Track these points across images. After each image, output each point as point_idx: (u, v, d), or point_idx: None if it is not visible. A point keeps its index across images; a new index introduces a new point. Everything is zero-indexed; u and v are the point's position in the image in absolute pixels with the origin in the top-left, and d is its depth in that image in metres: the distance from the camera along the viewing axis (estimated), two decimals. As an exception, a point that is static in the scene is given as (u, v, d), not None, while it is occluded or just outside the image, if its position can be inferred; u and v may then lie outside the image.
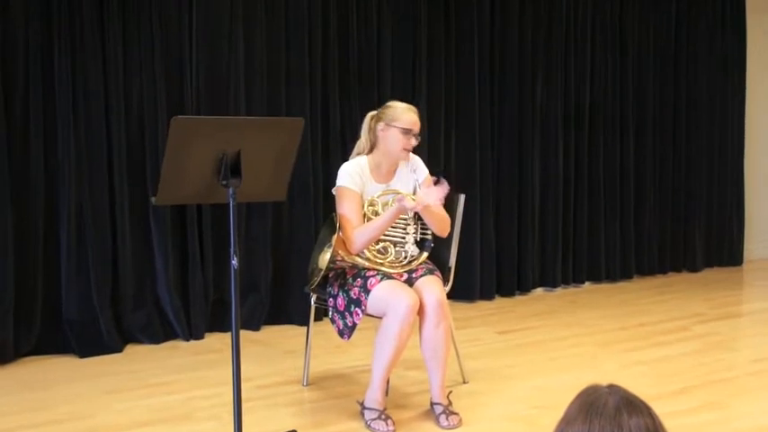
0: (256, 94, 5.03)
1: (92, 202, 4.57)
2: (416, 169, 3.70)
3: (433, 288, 3.44)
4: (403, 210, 3.46)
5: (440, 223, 3.60)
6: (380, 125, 3.63)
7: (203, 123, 3.08)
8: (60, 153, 4.49)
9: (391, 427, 3.35)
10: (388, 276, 3.47)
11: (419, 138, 3.65)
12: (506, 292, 6.09)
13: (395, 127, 3.58)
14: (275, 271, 5.17)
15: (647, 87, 6.77)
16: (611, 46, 6.54)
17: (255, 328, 5.04)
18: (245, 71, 4.99)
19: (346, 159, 3.85)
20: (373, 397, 3.44)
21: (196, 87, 4.85)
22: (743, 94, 7.36)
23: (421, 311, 3.40)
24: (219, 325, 4.98)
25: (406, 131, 3.57)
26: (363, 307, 3.43)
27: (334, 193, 3.69)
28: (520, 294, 6.16)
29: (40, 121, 4.44)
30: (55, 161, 4.50)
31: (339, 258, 3.51)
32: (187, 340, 4.82)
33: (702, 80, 7.06)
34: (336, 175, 3.73)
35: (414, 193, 3.63)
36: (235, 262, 2.99)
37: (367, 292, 3.41)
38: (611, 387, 1.74)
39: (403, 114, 3.60)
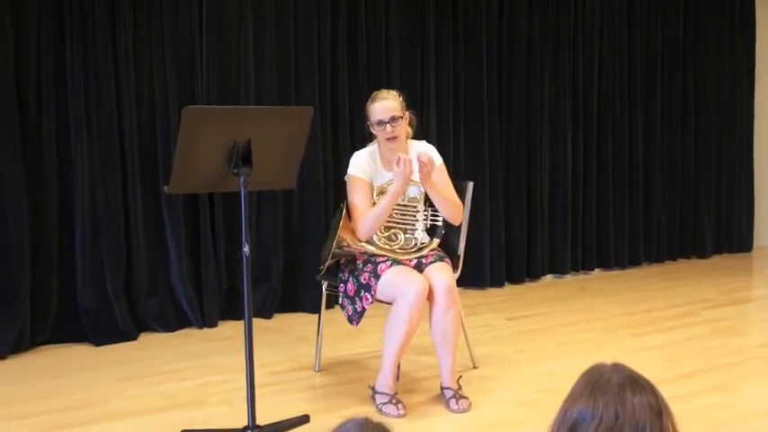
0: (266, 86, 5.07)
1: (105, 194, 4.63)
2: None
3: (442, 274, 3.48)
4: (402, 184, 3.47)
5: (450, 208, 3.63)
6: (368, 125, 3.68)
7: (214, 113, 3.14)
8: (73, 146, 4.54)
9: (402, 411, 3.41)
10: (397, 262, 3.52)
11: (398, 121, 3.59)
12: (516, 279, 6.14)
13: (370, 125, 3.63)
14: (286, 260, 5.23)
15: (656, 77, 6.78)
16: (619, 35, 6.55)
17: (268, 315, 5.10)
18: (255, 63, 5.04)
19: (355, 149, 3.89)
20: (384, 382, 3.49)
21: (206, 79, 4.89)
22: (752, 83, 7.38)
23: (430, 297, 3.44)
24: (232, 313, 5.03)
25: (379, 124, 3.60)
26: (373, 292, 3.48)
27: (346, 180, 3.74)
28: (530, 281, 6.21)
29: (53, 116, 4.49)
30: (68, 154, 4.56)
31: (345, 244, 3.56)
32: (200, 328, 4.88)
33: (712, 69, 7.08)
34: (346, 164, 3.78)
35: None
36: (246, 249, 3.05)
37: (377, 277, 3.46)
38: (615, 366, 1.79)
39: (372, 109, 3.63)
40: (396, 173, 3.46)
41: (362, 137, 4.87)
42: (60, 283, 4.59)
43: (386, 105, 3.60)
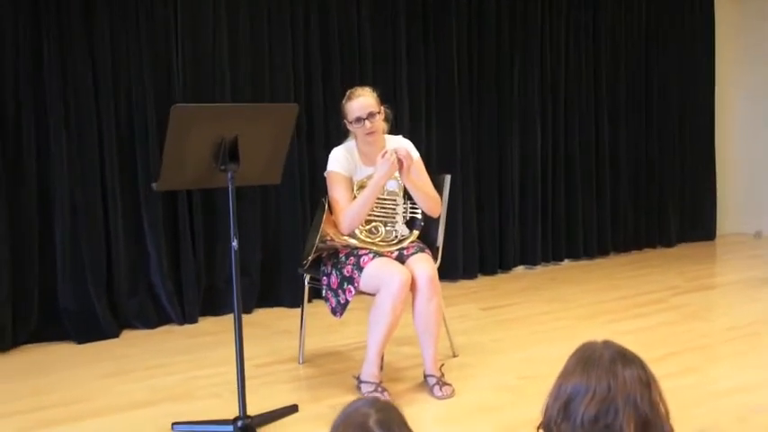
0: (240, 83, 5.14)
1: (84, 193, 4.67)
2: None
3: (424, 264, 3.58)
4: (386, 174, 3.57)
5: (429, 202, 3.73)
6: (346, 122, 3.76)
7: (202, 111, 3.21)
8: (52, 145, 4.58)
9: (388, 399, 3.50)
10: (380, 254, 3.61)
11: (376, 116, 3.67)
12: (488, 270, 6.27)
13: (348, 122, 3.72)
14: (264, 255, 5.30)
15: (620, 70, 6.97)
16: (584, 31, 6.71)
17: (247, 311, 5.16)
18: (230, 62, 5.10)
19: (329, 145, 3.96)
20: (369, 371, 3.57)
21: (183, 80, 4.95)
22: (713, 74, 7.60)
23: (413, 287, 3.53)
24: (212, 309, 5.10)
25: (358, 120, 3.68)
26: (356, 284, 3.57)
27: (326, 176, 3.81)
28: (502, 272, 6.34)
29: (32, 115, 4.53)
30: (47, 153, 4.59)
31: (329, 238, 3.64)
32: (181, 324, 4.94)
33: (674, 62, 7.27)
34: (322, 159, 3.85)
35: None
36: (235, 243, 3.13)
37: (360, 269, 3.55)
38: (606, 342, 1.90)
39: (348, 107, 3.70)
40: (381, 163, 3.55)
41: (338, 133, 4.94)
42: (41, 283, 4.62)
43: (362, 102, 3.68)
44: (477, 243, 6.18)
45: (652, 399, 1.77)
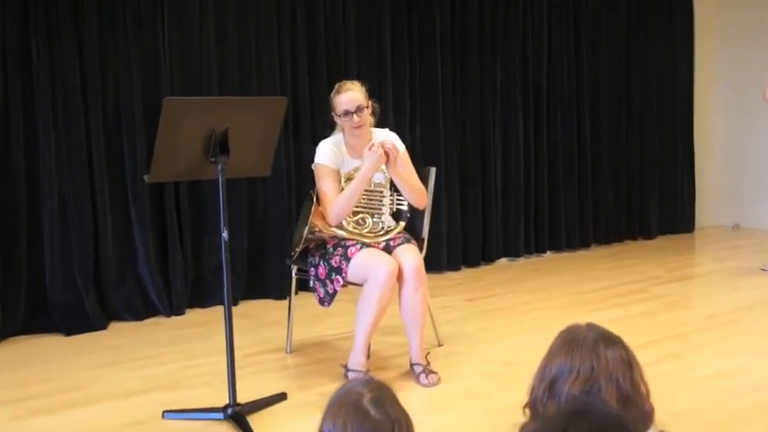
0: (228, 77, 5.18)
1: (72, 187, 4.70)
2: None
3: (411, 255, 3.65)
4: (373, 166, 3.63)
5: (415, 194, 3.80)
6: (333, 115, 3.82)
7: (193, 104, 3.25)
8: (40, 139, 4.60)
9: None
10: (367, 245, 3.68)
11: (364, 110, 3.74)
12: (472, 262, 6.35)
13: (336, 115, 3.78)
14: (250, 248, 5.35)
15: (601, 63, 7.06)
16: (566, 24, 6.80)
17: (234, 303, 5.18)
18: (217, 56, 5.14)
19: (316, 137, 4.01)
20: (357, 359, 3.64)
21: (170, 74, 4.98)
22: (692, 67, 7.72)
23: (400, 278, 3.60)
24: (199, 301, 5.16)
25: (345, 114, 3.75)
26: (344, 275, 3.63)
27: (313, 168, 3.87)
28: (485, 264, 6.42)
29: (20, 107, 4.55)
30: (35, 148, 4.61)
31: (317, 230, 3.71)
32: (168, 316, 4.98)
33: (654, 55, 7.39)
34: (308, 152, 3.91)
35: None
36: (225, 234, 3.19)
37: (348, 260, 3.61)
38: (589, 325, 1.99)
39: (337, 100, 3.76)
40: (368, 155, 3.61)
41: (324, 126, 5.01)
42: (29, 276, 4.65)
43: (351, 96, 3.74)
44: (460, 236, 6.26)
45: (633, 378, 1.86)
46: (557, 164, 6.84)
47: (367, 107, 3.78)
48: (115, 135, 4.85)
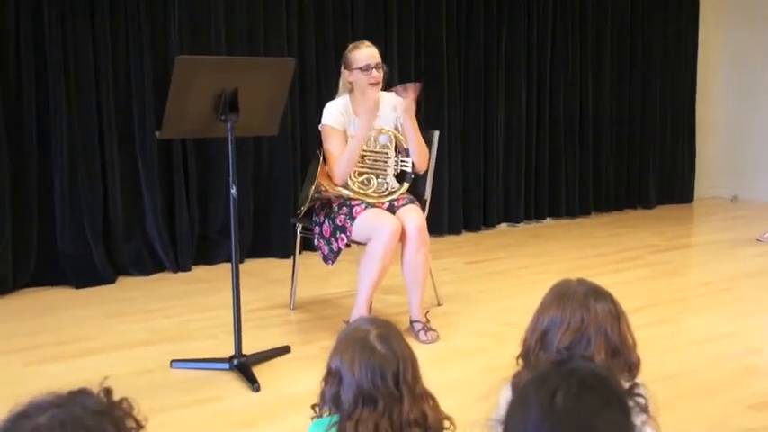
0: (236, 39, 5.24)
1: (83, 144, 4.79)
2: (397, 106, 3.94)
3: (414, 215, 3.75)
4: (366, 122, 3.74)
5: (422, 150, 3.90)
6: (346, 72, 3.90)
7: (205, 63, 3.33)
8: (52, 97, 4.68)
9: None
10: (371, 205, 3.77)
11: (383, 67, 3.87)
12: (473, 227, 6.45)
13: (354, 69, 3.85)
14: (255, 206, 5.45)
15: (605, 34, 7.11)
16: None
17: (239, 260, 5.31)
18: (225, 18, 5.20)
19: (321, 99, 4.08)
20: (359, 315, 3.73)
21: (179, 36, 5.04)
22: (695, 40, 7.75)
23: (403, 237, 3.70)
24: (204, 258, 5.27)
25: (365, 68, 3.83)
26: (348, 233, 3.73)
27: (320, 129, 3.95)
28: (485, 229, 6.52)
29: (32, 67, 4.63)
30: (47, 106, 4.70)
31: (323, 189, 3.80)
32: (175, 272, 5.10)
33: (658, 27, 7.42)
34: (313, 113, 3.99)
35: (396, 129, 3.91)
36: (234, 191, 3.28)
37: (352, 219, 3.71)
38: (580, 280, 2.08)
39: (357, 55, 3.85)
40: (362, 113, 3.71)
41: (328, 87, 5.10)
42: (40, 230, 4.76)
43: (372, 52, 3.86)
44: (461, 200, 6.36)
45: (621, 330, 1.95)
46: (558, 132, 6.91)
47: (382, 67, 3.86)
48: (125, 95, 4.93)
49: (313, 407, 1.87)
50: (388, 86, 4.02)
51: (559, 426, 1.19)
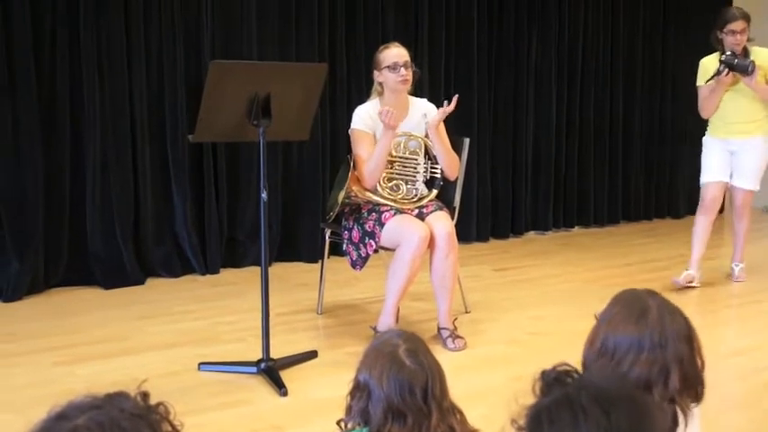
0: (268, 42, 5.27)
1: (115, 145, 4.83)
2: (427, 113, 3.95)
3: (443, 222, 3.74)
4: (387, 129, 3.72)
5: (450, 161, 3.90)
6: (376, 74, 3.92)
7: (238, 67, 3.36)
8: (85, 99, 4.73)
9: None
10: (400, 211, 3.78)
11: (411, 66, 3.88)
12: (500, 234, 6.44)
13: (383, 68, 3.87)
14: (285, 210, 5.47)
15: (636, 42, 7.08)
16: (603, 4, 6.82)
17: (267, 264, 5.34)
18: (257, 20, 5.23)
19: (351, 103, 4.10)
20: (386, 321, 3.75)
21: (212, 37, 5.08)
22: (729, 48, 7.66)
23: (431, 243, 3.70)
24: (232, 261, 5.30)
25: (393, 66, 3.84)
26: (377, 239, 3.73)
27: (350, 134, 3.97)
28: (513, 237, 6.51)
29: (67, 68, 4.67)
30: (80, 107, 4.74)
31: (353, 194, 3.81)
32: (203, 275, 5.13)
33: (690, 36, 7.34)
34: (343, 118, 4.00)
35: (426, 136, 3.92)
36: (264, 195, 3.30)
37: (381, 225, 3.71)
38: (650, 292, 1.88)
39: (386, 54, 3.87)
40: (382, 112, 3.70)
41: (358, 91, 5.12)
42: (71, 230, 4.80)
43: (400, 51, 3.88)
44: (490, 208, 6.35)
45: (693, 354, 1.81)
46: (588, 140, 6.88)
47: (411, 67, 3.88)
48: (157, 95, 4.97)
49: (338, 423, 1.86)
50: (417, 91, 4.02)
51: None
